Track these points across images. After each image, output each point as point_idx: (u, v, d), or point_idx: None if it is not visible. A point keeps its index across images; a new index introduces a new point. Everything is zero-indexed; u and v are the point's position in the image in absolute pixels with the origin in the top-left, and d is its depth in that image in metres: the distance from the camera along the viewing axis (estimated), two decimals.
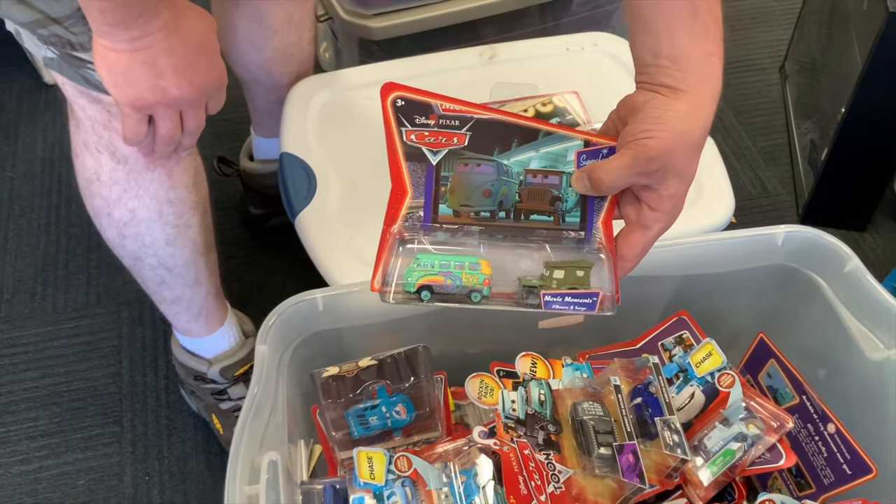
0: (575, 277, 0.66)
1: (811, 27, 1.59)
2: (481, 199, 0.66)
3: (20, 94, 1.58)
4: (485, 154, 0.66)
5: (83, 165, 0.88)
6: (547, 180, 0.66)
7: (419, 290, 0.65)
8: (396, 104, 0.65)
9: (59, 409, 1.19)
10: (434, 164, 0.66)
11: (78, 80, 0.78)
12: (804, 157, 1.49)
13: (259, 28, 1.08)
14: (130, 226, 0.91)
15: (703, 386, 0.83)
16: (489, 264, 0.65)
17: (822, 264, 0.88)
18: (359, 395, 0.82)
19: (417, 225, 0.66)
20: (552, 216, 0.66)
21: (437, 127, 0.65)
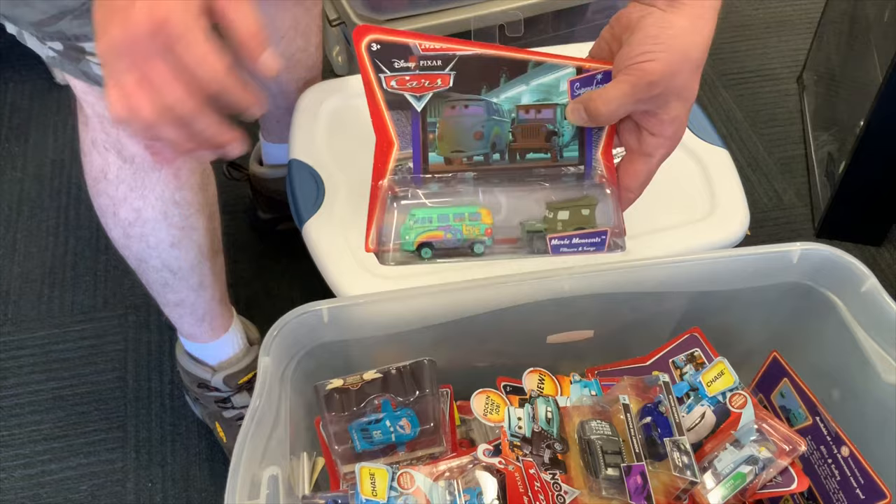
0: (580, 217, 0.63)
1: (830, 37, 1.57)
2: (473, 142, 0.62)
3: (32, 94, 1.58)
4: (472, 93, 0.61)
5: (91, 164, 0.88)
6: (541, 115, 0.62)
7: (419, 248, 0.62)
8: (372, 49, 0.59)
9: (63, 412, 1.18)
10: (419, 111, 0.61)
11: (79, 76, 0.77)
12: (821, 170, 1.47)
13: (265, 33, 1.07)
14: (135, 226, 0.90)
15: (715, 406, 0.81)
16: (489, 212, 0.62)
17: (839, 283, 0.86)
18: (363, 409, 0.81)
19: (408, 177, 0.62)
20: (549, 153, 0.63)
21: (419, 69, 0.60)
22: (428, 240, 0.62)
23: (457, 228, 0.62)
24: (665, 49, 0.56)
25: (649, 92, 0.57)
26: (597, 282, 0.85)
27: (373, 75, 0.60)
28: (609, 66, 0.60)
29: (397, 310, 0.84)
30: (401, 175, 0.62)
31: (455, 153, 0.62)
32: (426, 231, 0.62)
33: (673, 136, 0.61)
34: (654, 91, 0.57)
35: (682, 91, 0.58)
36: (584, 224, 0.63)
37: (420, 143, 0.61)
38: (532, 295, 0.85)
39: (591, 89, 0.61)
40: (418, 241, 0.62)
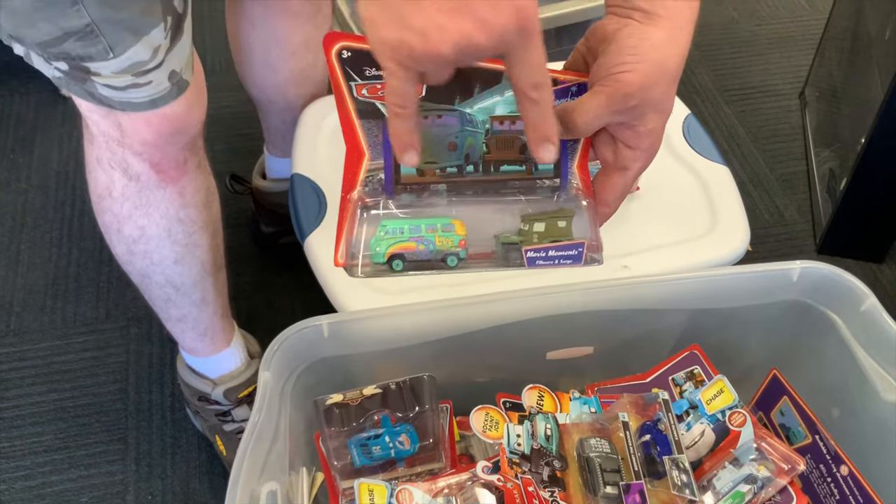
0: (557, 229, 0.61)
1: (832, 54, 1.57)
2: (446, 153, 0.60)
3: (37, 105, 1.59)
4: (445, 104, 0.58)
5: (96, 181, 0.88)
6: (515, 126, 0.60)
7: (390, 260, 0.60)
8: (342, 56, 0.56)
9: (64, 424, 1.18)
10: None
11: (84, 96, 0.78)
12: (822, 186, 1.47)
13: (276, 49, 1.08)
14: (139, 243, 0.91)
15: (714, 424, 0.81)
16: (463, 224, 0.60)
17: (839, 302, 0.86)
18: (362, 424, 0.81)
19: (378, 189, 0.60)
20: (524, 165, 0.60)
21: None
22: (399, 251, 0.60)
23: (429, 240, 0.60)
24: (642, 60, 0.55)
25: (626, 103, 0.56)
26: (597, 298, 0.86)
27: (343, 83, 0.58)
28: (584, 78, 0.59)
29: (397, 325, 0.84)
30: (371, 186, 0.61)
31: (428, 164, 0.60)
32: (397, 242, 0.60)
33: (649, 148, 0.59)
34: (631, 102, 0.56)
35: (658, 103, 0.57)
36: (560, 236, 0.61)
37: (391, 153, 0.58)
38: (532, 311, 0.85)
39: (566, 101, 0.59)
40: (389, 252, 0.60)
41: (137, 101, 0.77)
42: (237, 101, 1.52)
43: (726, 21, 1.86)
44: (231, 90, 1.41)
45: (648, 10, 0.55)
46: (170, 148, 0.83)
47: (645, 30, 0.55)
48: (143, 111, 0.78)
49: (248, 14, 1.06)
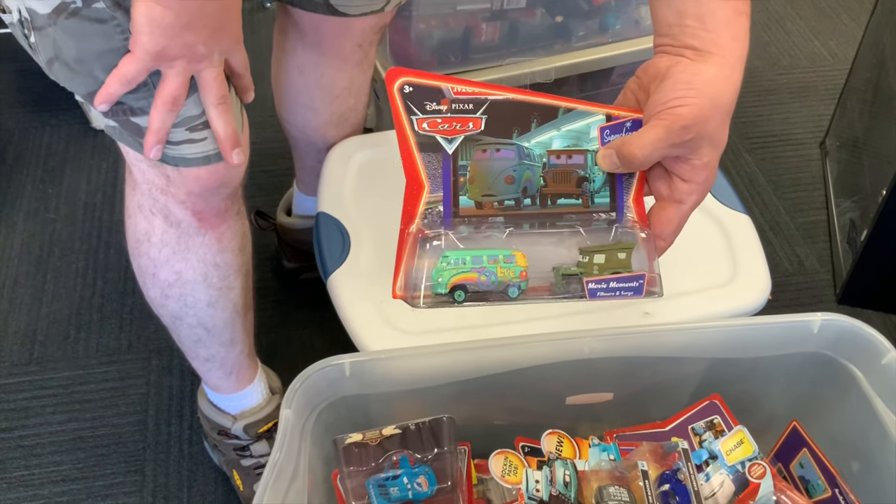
0: (617, 260, 0.61)
1: (854, 104, 1.58)
2: (504, 186, 0.61)
3: (68, 137, 1.62)
4: (503, 137, 0.61)
5: (135, 226, 0.89)
6: (571, 160, 0.61)
7: (452, 291, 0.60)
8: (404, 91, 0.59)
9: (83, 454, 1.19)
10: (450, 153, 0.61)
11: (137, 148, 0.79)
12: (843, 236, 1.47)
13: (321, 94, 1.10)
14: (175, 287, 0.92)
15: (734, 475, 0.81)
16: (524, 255, 0.61)
17: (859, 355, 0.86)
18: (381, 464, 0.82)
19: (438, 221, 0.61)
20: (580, 198, 0.62)
21: (450, 112, 0.60)
22: (462, 282, 0.60)
23: (491, 271, 0.60)
24: (697, 95, 0.56)
25: (682, 136, 0.57)
26: (617, 345, 0.86)
27: (404, 117, 0.60)
28: (639, 115, 0.61)
29: (418, 366, 0.85)
30: (430, 219, 0.61)
31: (486, 197, 0.61)
32: (460, 273, 0.60)
33: (705, 182, 0.61)
34: (687, 136, 0.57)
35: (713, 137, 0.59)
36: (620, 268, 0.62)
37: (451, 185, 0.60)
38: (552, 356, 0.85)
39: (621, 136, 0.61)
40: (452, 282, 0.60)
41: (191, 157, 0.78)
42: (261, 139, 1.54)
43: (748, 70, 1.85)
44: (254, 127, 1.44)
45: (699, 47, 0.57)
46: (214, 198, 0.84)
47: (697, 66, 0.57)
48: (195, 167, 0.79)
49: (297, 61, 1.08)
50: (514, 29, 1.34)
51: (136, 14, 0.67)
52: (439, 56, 1.33)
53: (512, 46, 1.35)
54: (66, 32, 0.70)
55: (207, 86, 0.73)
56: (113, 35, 0.70)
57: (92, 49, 0.71)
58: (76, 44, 0.71)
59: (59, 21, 0.70)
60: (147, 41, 0.68)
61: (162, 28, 0.67)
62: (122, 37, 0.70)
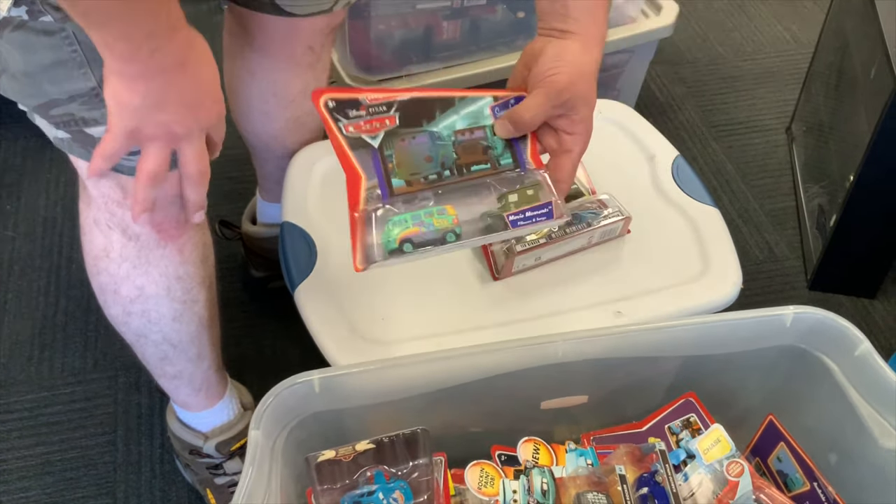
0: (527, 196, 0.74)
1: (818, 89, 1.59)
2: (425, 164, 0.74)
3: (24, 151, 1.58)
4: (416, 127, 0.74)
5: (91, 243, 0.87)
6: (474, 135, 0.75)
7: (401, 245, 0.70)
8: (329, 105, 0.72)
9: (52, 478, 1.16)
10: (377, 147, 0.73)
11: (88, 158, 0.77)
12: (812, 222, 1.47)
13: (275, 99, 1.08)
14: (137, 303, 0.89)
15: (712, 474, 0.80)
16: (453, 207, 0.73)
17: (832, 346, 0.86)
18: (355, 481, 0.80)
19: (378, 200, 0.72)
20: (489, 163, 0.75)
21: (369, 115, 0.73)
22: (407, 236, 0.71)
23: (429, 223, 0.71)
24: (566, 65, 0.72)
25: (559, 98, 0.72)
26: (590, 347, 0.85)
27: (332, 125, 0.72)
28: (518, 93, 0.75)
29: (390, 378, 0.83)
30: (372, 201, 0.72)
31: (413, 176, 0.73)
32: (404, 229, 0.71)
33: (584, 132, 0.74)
34: (564, 97, 0.72)
35: (584, 95, 0.73)
36: (531, 201, 0.74)
37: (382, 172, 0.72)
38: (525, 361, 0.84)
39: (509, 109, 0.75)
40: (399, 238, 0.70)
41: None
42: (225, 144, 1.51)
43: (712, 57, 1.87)
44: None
45: (565, 29, 0.72)
46: (173, 209, 0.82)
47: (563, 44, 0.72)
48: None
49: (248, 65, 1.06)
50: (475, 26, 1.33)
51: (105, 95, 0.67)
52: (400, 56, 1.31)
53: (473, 44, 1.34)
54: (13, 45, 0.68)
55: (186, 162, 0.73)
56: (61, 47, 0.68)
57: (40, 62, 0.69)
58: (23, 56, 0.69)
59: (4, 34, 0.68)
60: (117, 122, 0.68)
61: (130, 110, 0.67)
62: (71, 48, 0.68)
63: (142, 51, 0.62)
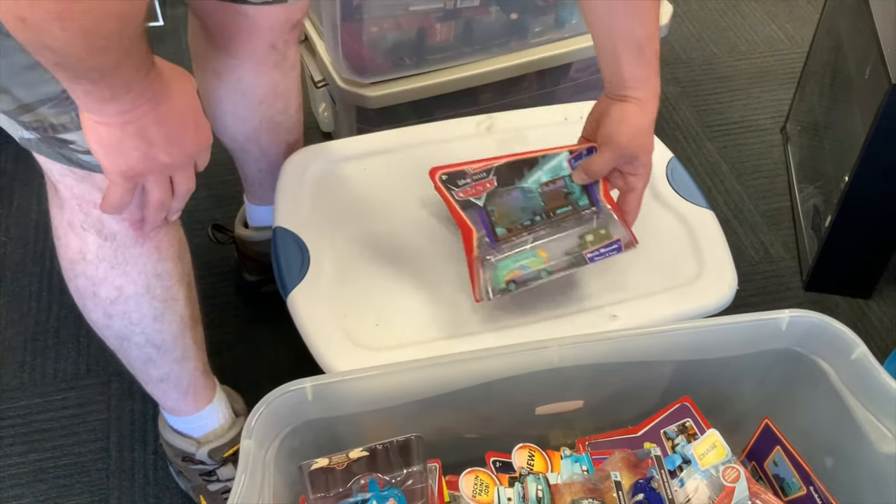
0: (600, 235, 0.92)
1: (813, 89, 1.58)
2: (520, 213, 0.94)
3: (16, 156, 1.57)
4: (510, 186, 0.95)
5: (66, 247, 0.86)
6: (556, 185, 0.94)
7: (507, 285, 0.89)
8: (442, 178, 0.95)
9: (45, 486, 1.15)
10: (482, 206, 0.94)
11: (59, 160, 0.77)
12: (807, 222, 1.47)
13: (244, 100, 1.08)
14: (117, 304, 0.89)
15: (708, 479, 0.80)
16: (544, 251, 0.91)
17: (828, 350, 0.85)
18: (349, 489, 0.79)
19: (487, 247, 0.91)
20: (570, 206, 0.94)
21: (473, 181, 0.95)
22: (511, 278, 0.90)
23: (526, 266, 0.90)
24: (627, 126, 0.88)
25: (623, 153, 0.89)
26: (585, 352, 0.84)
27: (447, 193, 0.95)
28: (588, 145, 0.93)
29: (383, 385, 0.82)
30: (483, 248, 0.92)
31: (512, 224, 0.93)
32: (508, 272, 0.90)
33: (645, 173, 0.91)
34: (627, 153, 0.89)
35: (644, 146, 0.90)
36: (604, 240, 0.92)
37: (489, 224, 0.93)
38: (520, 367, 0.84)
39: (582, 160, 0.94)
40: (505, 279, 0.90)
41: None
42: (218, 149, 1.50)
43: (707, 57, 1.87)
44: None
45: (623, 95, 0.88)
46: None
47: (624, 107, 0.88)
48: None
49: (213, 66, 1.06)
50: (468, 28, 1.32)
51: (87, 139, 0.69)
52: (393, 59, 1.31)
53: (467, 46, 1.33)
54: None
55: (178, 185, 0.78)
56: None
57: (11, 65, 0.68)
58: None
59: None
60: (108, 164, 0.71)
61: (113, 146, 0.69)
62: None
63: (118, 92, 0.64)
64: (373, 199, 1.08)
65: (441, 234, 1.04)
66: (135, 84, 0.65)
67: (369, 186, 1.10)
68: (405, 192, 1.08)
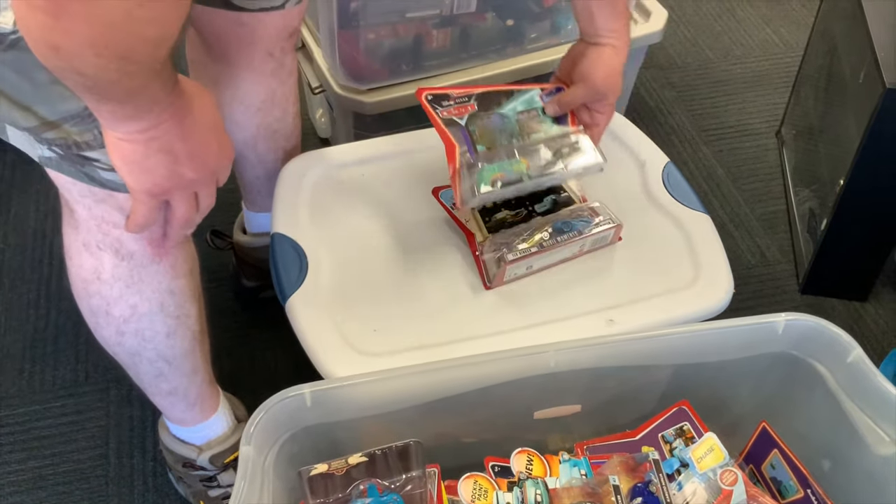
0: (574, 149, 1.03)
1: (808, 92, 1.59)
2: (499, 135, 1.01)
3: (14, 163, 1.58)
4: (489, 111, 1.02)
5: (80, 266, 0.85)
6: (530, 114, 1.03)
7: (493, 184, 0.97)
8: (427, 98, 1.00)
9: (44, 493, 1.15)
10: (464, 125, 0.99)
11: (82, 178, 0.76)
12: (803, 226, 1.48)
13: (241, 107, 1.08)
14: (130, 322, 0.88)
15: (706, 482, 0.80)
16: (525, 159, 0.99)
17: (824, 353, 0.86)
18: (348, 494, 0.80)
19: (469, 159, 0.97)
20: (542, 133, 1.03)
21: (456, 104, 1.01)
22: (497, 178, 0.97)
23: (509, 169, 0.98)
24: (602, 66, 0.97)
25: (596, 90, 0.98)
26: (582, 357, 0.85)
27: (432, 111, 0.99)
28: (557, 84, 1.03)
29: (382, 391, 0.83)
30: (465, 160, 0.97)
31: (491, 143, 1.00)
32: (493, 173, 0.97)
33: (609, 112, 1.01)
34: (601, 90, 0.98)
35: (614, 88, 0.98)
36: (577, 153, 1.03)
37: (470, 141, 0.99)
38: (518, 372, 0.84)
39: (554, 95, 1.03)
40: (492, 178, 0.97)
41: None
42: None
43: (702, 61, 1.88)
44: None
45: (602, 42, 0.96)
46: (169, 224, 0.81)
47: (599, 49, 0.97)
48: None
49: (210, 74, 1.06)
50: (465, 34, 1.32)
51: (111, 157, 0.69)
52: (391, 66, 1.31)
53: (463, 52, 1.34)
54: (6, 65, 0.67)
55: (201, 200, 0.76)
56: None
57: (32, 82, 0.68)
58: (18, 76, 0.68)
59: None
60: (133, 181, 0.70)
61: (137, 163, 0.68)
62: None
63: (143, 111, 0.64)
64: (371, 205, 1.08)
65: (439, 239, 1.04)
66: (160, 102, 0.65)
67: (367, 192, 1.10)
68: (403, 197, 1.09)
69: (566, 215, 1.02)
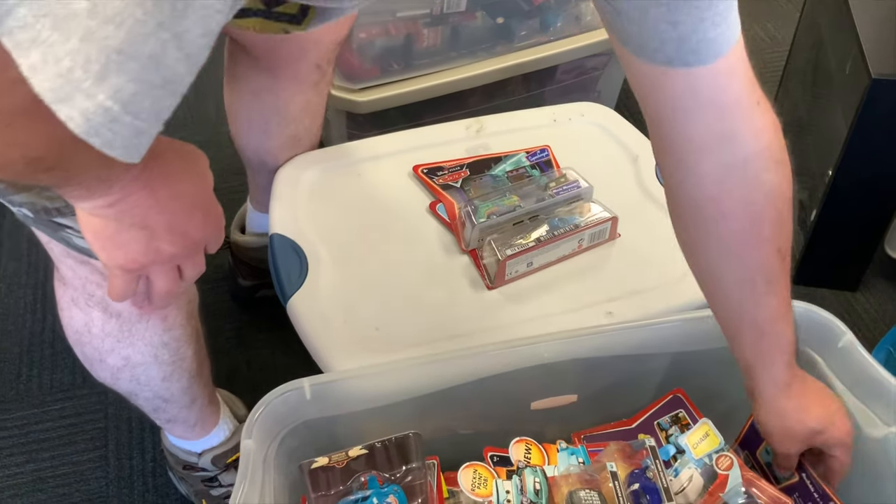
0: (560, 182, 1.11)
1: (795, 86, 1.60)
2: (492, 190, 1.10)
3: None
4: (481, 174, 1.13)
5: (71, 319, 0.85)
6: (518, 172, 1.13)
7: (489, 217, 1.03)
8: (423, 171, 1.12)
9: (44, 495, 1.16)
10: (459, 186, 1.11)
11: (60, 241, 0.74)
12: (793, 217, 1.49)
13: (277, 118, 1.08)
14: (125, 370, 0.88)
15: (702, 468, 0.81)
16: (517, 196, 1.07)
17: (816, 339, 0.87)
18: (349, 486, 0.80)
19: (467, 210, 1.04)
20: (533, 184, 1.11)
21: (449, 172, 1.12)
22: (491, 212, 1.04)
23: (501, 204, 1.06)
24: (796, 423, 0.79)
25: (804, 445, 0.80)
26: (578, 347, 0.86)
27: (430, 181, 1.11)
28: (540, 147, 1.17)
29: (381, 384, 0.84)
30: (464, 212, 1.04)
31: (484, 195, 1.09)
32: (488, 209, 1.04)
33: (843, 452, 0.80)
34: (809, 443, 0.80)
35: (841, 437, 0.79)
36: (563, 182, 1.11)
37: (466, 198, 1.08)
38: (515, 363, 0.85)
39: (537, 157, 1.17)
40: (487, 213, 1.03)
41: None
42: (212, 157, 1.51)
43: None
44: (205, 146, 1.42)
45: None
46: None
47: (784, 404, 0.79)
48: None
49: (251, 86, 1.06)
50: (455, 33, 1.34)
51: (83, 231, 0.62)
52: (382, 64, 1.32)
53: (454, 51, 1.35)
54: None
55: (185, 272, 0.69)
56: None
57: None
58: None
59: None
60: (106, 258, 0.63)
61: (109, 238, 0.61)
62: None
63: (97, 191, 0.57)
64: (368, 204, 1.09)
65: (436, 236, 1.05)
66: (119, 179, 0.57)
67: (364, 191, 1.11)
68: (400, 195, 1.10)
69: (562, 212, 1.03)
